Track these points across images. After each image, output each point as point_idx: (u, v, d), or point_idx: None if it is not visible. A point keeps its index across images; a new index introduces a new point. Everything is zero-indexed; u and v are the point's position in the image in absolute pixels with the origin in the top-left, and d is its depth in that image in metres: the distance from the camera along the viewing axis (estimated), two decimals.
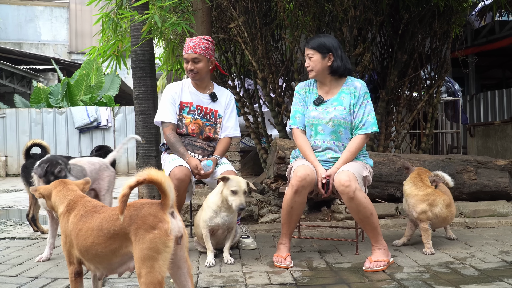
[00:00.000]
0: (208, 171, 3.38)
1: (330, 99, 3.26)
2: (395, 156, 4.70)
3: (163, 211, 1.90)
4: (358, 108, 3.21)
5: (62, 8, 21.39)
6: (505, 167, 4.69)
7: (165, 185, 1.89)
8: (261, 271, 2.97)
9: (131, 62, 4.84)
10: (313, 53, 3.21)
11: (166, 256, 1.86)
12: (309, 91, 3.35)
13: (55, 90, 14.03)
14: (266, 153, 5.99)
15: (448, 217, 3.44)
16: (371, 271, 2.90)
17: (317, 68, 3.22)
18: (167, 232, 1.86)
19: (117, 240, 1.93)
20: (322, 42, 3.21)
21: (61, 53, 20.69)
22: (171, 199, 1.91)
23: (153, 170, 1.87)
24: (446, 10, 5.33)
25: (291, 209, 3.11)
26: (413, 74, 5.63)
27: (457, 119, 8.27)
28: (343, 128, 3.21)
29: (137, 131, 4.80)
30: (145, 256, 1.83)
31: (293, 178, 3.07)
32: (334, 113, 3.20)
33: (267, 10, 5.70)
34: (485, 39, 10.69)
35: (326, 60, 3.21)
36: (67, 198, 2.18)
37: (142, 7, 4.46)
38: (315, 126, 3.25)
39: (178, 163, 3.33)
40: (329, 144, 3.22)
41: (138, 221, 1.87)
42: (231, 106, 3.70)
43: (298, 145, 3.30)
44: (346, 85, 3.27)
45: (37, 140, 4.22)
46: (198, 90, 3.64)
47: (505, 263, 2.99)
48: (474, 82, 11.86)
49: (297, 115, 3.33)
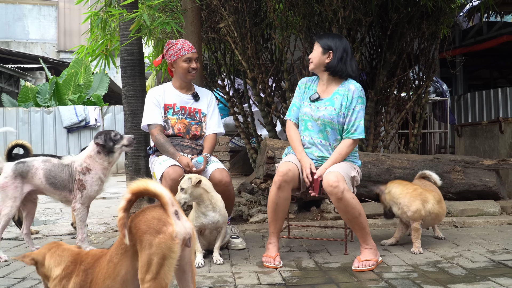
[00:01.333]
0: (200, 168, 3.40)
1: (324, 98, 3.28)
2: (384, 156, 4.73)
3: (166, 213, 1.81)
4: (351, 112, 3.21)
5: (50, 7, 21.23)
6: (492, 167, 4.73)
7: (152, 188, 1.81)
8: (250, 271, 2.97)
9: (120, 61, 4.82)
10: (317, 46, 3.28)
11: (172, 262, 1.78)
12: (309, 87, 3.38)
13: (43, 89, 13.91)
14: (256, 153, 5.99)
15: (440, 214, 3.47)
16: (360, 270, 2.91)
17: (315, 61, 3.27)
18: (172, 235, 1.77)
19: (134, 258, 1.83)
20: (328, 38, 3.28)
21: (50, 51, 20.53)
22: (166, 198, 1.81)
23: (133, 184, 1.80)
24: (434, 11, 5.36)
25: (276, 206, 3.12)
26: (401, 74, 5.66)
27: (445, 119, 8.34)
28: (330, 128, 3.22)
29: (126, 131, 4.78)
30: (150, 261, 1.75)
31: (276, 174, 3.13)
32: (323, 112, 3.21)
33: (257, 10, 5.69)
34: (473, 40, 10.78)
35: (325, 56, 3.24)
36: (64, 260, 2.01)
37: (131, 6, 4.44)
38: (305, 122, 3.28)
39: (171, 163, 3.34)
40: (316, 141, 3.23)
41: (142, 226, 1.79)
42: (213, 104, 3.78)
43: (288, 136, 3.37)
44: (342, 86, 3.27)
45: (20, 140, 4.21)
46: (181, 91, 3.70)
47: (492, 262, 3.02)
48: (462, 82, 11.96)
49: (293, 108, 3.39)
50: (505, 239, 3.67)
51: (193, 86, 3.78)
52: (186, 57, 3.57)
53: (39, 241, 4.03)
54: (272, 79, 5.93)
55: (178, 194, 3.03)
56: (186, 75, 3.60)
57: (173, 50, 3.57)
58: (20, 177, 3.39)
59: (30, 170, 3.41)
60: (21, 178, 3.40)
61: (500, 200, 4.70)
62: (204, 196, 3.11)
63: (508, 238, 3.68)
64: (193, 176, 3.06)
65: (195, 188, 3.04)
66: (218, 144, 5.04)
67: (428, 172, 3.69)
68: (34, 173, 3.41)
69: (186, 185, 3.02)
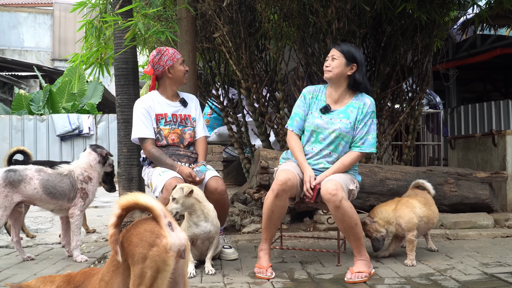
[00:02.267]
0: (202, 177, 3.38)
1: (337, 110, 3.24)
2: (377, 167, 4.73)
3: (159, 225, 1.76)
4: (362, 125, 3.20)
5: (46, 15, 21.23)
6: (485, 180, 4.74)
7: (142, 202, 1.76)
8: (242, 282, 2.95)
9: (114, 69, 4.81)
10: (339, 55, 3.19)
11: (166, 275, 1.73)
12: (317, 97, 3.32)
13: (37, 97, 13.86)
14: (249, 163, 5.98)
15: (431, 216, 3.47)
16: (353, 282, 2.89)
17: (336, 71, 3.18)
18: (166, 248, 1.72)
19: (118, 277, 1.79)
20: (353, 50, 3.21)
21: (44, 60, 20.49)
22: (158, 210, 1.77)
23: (122, 199, 1.76)
24: (428, 24, 5.40)
25: (272, 213, 3.09)
26: (395, 86, 5.68)
27: (438, 132, 8.37)
28: (344, 141, 3.20)
29: (120, 139, 4.75)
30: (143, 274, 1.70)
31: (274, 182, 3.07)
32: (339, 125, 3.18)
33: (252, 21, 5.71)
34: (467, 53, 10.85)
35: (348, 68, 3.19)
36: (56, 282, 1.96)
37: (126, 14, 4.44)
38: (317, 134, 3.23)
39: (172, 175, 3.30)
40: (325, 153, 3.20)
41: (134, 239, 1.74)
42: (198, 108, 3.79)
43: (290, 147, 3.30)
44: (356, 99, 3.25)
45: (21, 147, 4.28)
46: (170, 99, 3.65)
47: (485, 275, 3.01)
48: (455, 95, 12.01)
49: (296, 118, 3.32)
50: (498, 252, 3.66)
51: (177, 92, 3.76)
52: (182, 60, 3.59)
53: (30, 249, 3.98)
54: (266, 89, 5.93)
55: (170, 204, 3.01)
56: (183, 78, 3.61)
57: (167, 55, 3.53)
58: (11, 186, 3.30)
59: (24, 180, 3.33)
60: (11, 187, 3.31)
61: (493, 213, 4.70)
62: (196, 206, 3.09)
63: (501, 251, 3.68)
64: (185, 186, 3.04)
65: (187, 198, 3.02)
66: (211, 153, 5.03)
67: (422, 181, 3.70)
68: (28, 182, 3.33)
69: (178, 195, 3.00)
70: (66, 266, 3.38)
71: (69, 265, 3.42)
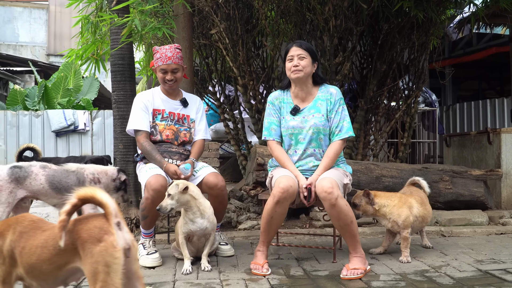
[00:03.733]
0: (187, 174, 3.37)
1: (306, 107, 3.27)
2: (373, 164, 4.74)
3: (108, 222, 1.85)
4: (334, 114, 3.24)
5: (41, 10, 21.10)
6: (480, 177, 4.77)
7: (98, 197, 1.84)
8: (238, 278, 2.95)
9: (110, 65, 4.79)
10: (306, 54, 3.19)
11: (117, 268, 1.81)
12: (284, 101, 3.33)
13: (32, 93, 13.79)
14: (246, 160, 5.98)
15: (426, 216, 3.49)
16: (348, 278, 2.91)
17: (307, 70, 3.20)
18: (113, 244, 1.81)
19: (64, 256, 1.87)
20: (313, 48, 3.25)
21: (39, 55, 20.38)
22: (111, 208, 1.85)
23: (81, 190, 1.84)
24: (424, 22, 5.41)
25: (271, 219, 3.09)
26: (391, 84, 5.70)
27: (433, 129, 8.39)
28: (323, 134, 3.22)
29: (115, 136, 4.74)
30: (96, 271, 1.79)
31: (276, 188, 3.04)
32: (313, 120, 3.21)
33: (249, 17, 5.71)
34: (462, 51, 10.89)
35: (313, 66, 3.24)
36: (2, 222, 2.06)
37: (123, 11, 4.42)
38: (295, 136, 3.24)
39: (154, 172, 3.30)
40: (309, 151, 3.22)
41: (83, 235, 1.83)
42: (201, 111, 3.76)
43: (276, 157, 3.29)
44: (321, 92, 3.29)
45: (30, 144, 4.32)
46: (169, 97, 3.67)
47: (480, 272, 3.03)
48: (450, 93, 12.05)
49: (272, 126, 3.31)
50: (492, 249, 3.69)
51: (181, 92, 3.75)
52: (161, 68, 3.53)
53: None
54: (263, 86, 5.94)
55: (165, 200, 3.01)
56: (163, 84, 3.59)
57: (155, 57, 3.56)
58: (16, 182, 3.32)
59: (29, 176, 3.36)
60: (16, 183, 3.33)
61: (487, 210, 4.73)
62: (192, 202, 3.09)
63: (496, 248, 3.70)
64: (180, 182, 3.04)
65: (182, 194, 3.03)
66: (208, 150, 5.03)
67: (417, 179, 3.72)
68: (34, 178, 3.37)
69: (173, 191, 3.01)
70: None
71: None
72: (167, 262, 3.38)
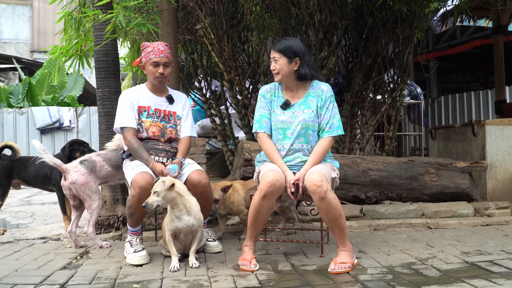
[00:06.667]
0: (174, 175, 3.35)
1: (297, 102, 3.27)
2: (359, 158, 4.77)
3: None
4: (324, 111, 3.24)
5: (24, 6, 20.83)
6: (465, 169, 4.82)
7: None
8: (226, 274, 2.96)
9: (95, 62, 4.74)
10: (279, 56, 3.19)
11: None
12: (275, 95, 3.33)
13: (16, 90, 13.63)
14: (233, 155, 5.98)
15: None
16: (336, 273, 2.92)
17: (283, 72, 3.20)
18: None
19: None
20: (289, 45, 3.19)
21: (23, 51, 20.13)
22: None
23: None
24: (408, 16, 5.44)
25: (258, 213, 3.10)
26: (377, 77, 5.72)
27: (419, 122, 8.46)
28: (312, 130, 3.23)
29: (101, 133, 4.70)
30: None
31: (262, 183, 3.04)
32: (302, 116, 3.21)
33: (234, 12, 5.69)
34: (446, 44, 10.97)
35: (292, 65, 3.20)
36: None
37: (106, 7, 4.38)
38: (284, 130, 3.24)
39: (141, 170, 3.28)
40: (297, 147, 3.23)
41: None
42: (187, 108, 3.75)
43: (265, 150, 3.29)
44: (312, 88, 3.29)
45: (8, 142, 4.49)
46: (155, 94, 3.64)
47: (466, 264, 3.06)
48: (435, 85, 12.16)
49: (263, 119, 3.31)
50: (478, 240, 3.73)
51: (167, 89, 3.72)
52: (153, 61, 3.50)
53: (10, 245, 3.94)
54: (249, 81, 5.92)
55: (151, 197, 3.00)
56: (154, 79, 3.56)
57: (145, 52, 3.54)
58: (93, 172, 3.71)
59: (96, 165, 3.74)
60: (93, 174, 3.71)
61: (473, 201, 4.78)
62: (178, 199, 3.08)
63: (482, 240, 3.75)
64: (167, 179, 3.03)
65: (168, 191, 3.01)
66: (194, 146, 5.00)
67: None
68: (101, 166, 3.76)
69: (159, 188, 2.99)
70: (47, 262, 3.35)
71: (51, 260, 3.39)
72: (154, 259, 3.37)
